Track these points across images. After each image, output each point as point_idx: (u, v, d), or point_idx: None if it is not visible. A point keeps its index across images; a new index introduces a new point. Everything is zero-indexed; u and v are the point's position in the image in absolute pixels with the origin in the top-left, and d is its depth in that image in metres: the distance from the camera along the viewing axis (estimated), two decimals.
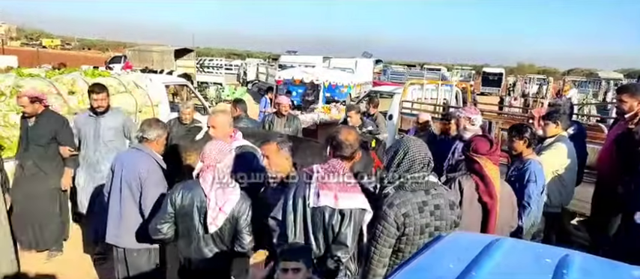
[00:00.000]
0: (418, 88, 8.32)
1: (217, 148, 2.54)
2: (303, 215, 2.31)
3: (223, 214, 2.50)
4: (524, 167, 3.20)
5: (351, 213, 2.20)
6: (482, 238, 1.49)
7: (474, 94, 13.84)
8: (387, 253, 2.18)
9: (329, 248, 2.24)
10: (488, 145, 2.72)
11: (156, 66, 17.79)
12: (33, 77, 5.07)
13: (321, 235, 2.26)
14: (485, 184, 2.65)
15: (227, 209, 2.50)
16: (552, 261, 1.21)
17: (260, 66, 25.63)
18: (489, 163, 2.68)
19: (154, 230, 2.60)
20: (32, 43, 49.04)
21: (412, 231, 2.13)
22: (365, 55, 20.89)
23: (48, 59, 23.77)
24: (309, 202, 2.26)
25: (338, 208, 2.19)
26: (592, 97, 18.08)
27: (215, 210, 2.50)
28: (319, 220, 2.25)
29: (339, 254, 2.19)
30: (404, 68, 32.27)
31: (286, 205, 2.39)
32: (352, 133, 2.40)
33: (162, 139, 3.18)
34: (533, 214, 3.07)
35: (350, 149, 2.31)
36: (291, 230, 2.33)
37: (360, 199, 2.26)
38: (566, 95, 15.37)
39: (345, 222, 2.19)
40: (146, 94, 6.02)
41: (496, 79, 30.92)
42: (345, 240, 2.19)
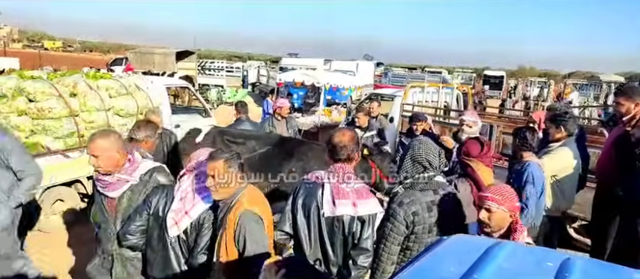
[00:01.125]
0: (419, 91, 8.32)
1: (205, 156, 2.38)
2: (319, 226, 2.24)
3: (188, 218, 2.31)
4: (522, 169, 3.20)
5: (370, 218, 2.19)
6: (484, 241, 1.49)
7: (479, 97, 13.76)
8: (395, 251, 2.20)
9: (350, 255, 2.20)
10: (480, 147, 2.74)
11: (157, 68, 17.80)
12: (34, 79, 5.08)
13: (340, 243, 2.21)
14: (477, 187, 2.66)
15: (194, 214, 2.31)
16: (554, 265, 1.21)
17: (261, 68, 25.66)
18: (481, 165, 2.70)
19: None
20: (34, 45, 49.15)
21: (421, 230, 2.15)
22: (366, 57, 20.93)
23: (50, 61, 23.84)
24: (324, 211, 2.20)
25: (358, 215, 2.17)
26: (593, 100, 18.06)
27: (180, 212, 2.31)
28: (338, 228, 2.20)
29: (362, 261, 2.16)
30: (405, 71, 32.26)
31: (295, 216, 2.31)
32: (346, 134, 2.34)
33: (151, 139, 3.15)
34: (530, 215, 3.07)
35: (345, 151, 2.26)
36: (306, 242, 2.27)
37: (376, 203, 2.26)
38: (567, 98, 15.36)
39: (366, 228, 2.18)
40: (147, 96, 6.04)
41: (497, 82, 30.89)
42: (368, 246, 2.17)
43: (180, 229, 2.31)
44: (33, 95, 4.76)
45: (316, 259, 2.27)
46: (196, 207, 2.32)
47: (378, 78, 23.47)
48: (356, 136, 2.37)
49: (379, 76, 24.89)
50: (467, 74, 33.58)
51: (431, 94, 8.51)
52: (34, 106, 4.75)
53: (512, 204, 2.01)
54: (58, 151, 4.89)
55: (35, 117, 4.77)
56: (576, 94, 17.45)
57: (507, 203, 1.99)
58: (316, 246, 2.25)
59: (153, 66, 17.72)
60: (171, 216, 2.32)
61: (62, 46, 54.81)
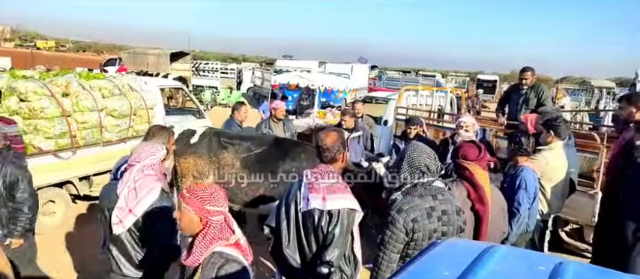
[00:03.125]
0: (413, 94, 8.36)
1: (147, 150, 2.39)
2: (296, 221, 2.34)
3: (133, 216, 2.29)
4: (516, 174, 3.22)
5: (340, 213, 2.22)
6: (477, 245, 1.50)
7: (472, 101, 13.80)
8: (395, 258, 2.19)
9: (319, 251, 2.26)
10: (477, 151, 2.74)
11: (151, 69, 17.73)
12: (26, 79, 5.03)
13: (313, 238, 2.29)
14: (476, 190, 2.66)
15: (138, 211, 2.29)
16: (546, 269, 1.22)
17: (256, 70, 25.64)
18: (478, 168, 2.70)
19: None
20: (26, 45, 48.69)
21: (421, 236, 2.14)
22: (361, 60, 20.99)
23: (42, 61, 23.61)
24: (301, 207, 2.30)
25: (326, 209, 2.22)
26: (585, 105, 18.23)
27: (124, 210, 2.29)
28: (310, 223, 2.28)
29: (328, 255, 2.21)
30: (399, 74, 32.36)
31: (279, 212, 2.43)
32: (331, 135, 2.40)
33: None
34: (522, 220, 3.09)
35: (329, 153, 2.34)
36: (285, 236, 2.37)
37: (349, 199, 2.28)
38: (559, 103, 15.49)
39: (333, 222, 2.21)
40: (141, 97, 6.00)
41: (490, 86, 31.11)
42: (333, 240, 2.21)
43: (126, 227, 2.31)
44: (25, 95, 4.70)
45: (294, 252, 2.37)
46: (142, 204, 2.30)
47: (373, 81, 23.50)
48: (341, 138, 2.42)
49: (373, 79, 24.93)
50: (461, 78, 33.79)
51: (425, 97, 8.55)
52: (25, 106, 4.69)
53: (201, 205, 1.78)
54: (49, 151, 4.84)
55: (27, 117, 4.71)
56: (568, 99, 17.61)
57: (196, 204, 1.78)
58: (294, 240, 2.36)
59: (147, 67, 17.63)
60: (116, 213, 2.30)
61: (55, 45, 54.30)
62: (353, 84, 13.63)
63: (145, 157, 2.37)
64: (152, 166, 2.39)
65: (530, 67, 5.67)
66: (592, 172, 4.69)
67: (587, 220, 4.51)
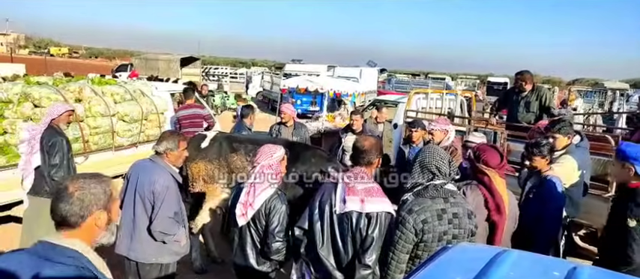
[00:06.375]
0: (423, 98, 8.30)
1: (265, 152, 2.69)
2: (330, 222, 2.36)
3: (252, 209, 2.59)
4: (541, 184, 3.10)
5: (378, 216, 2.25)
6: (489, 250, 1.48)
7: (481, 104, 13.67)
8: (404, 259, 2.18)
9: (357, 254, 2.28)
10: (499, 158, 2.67)
11: (162, 74, 17.94)
12: (40, 85, 5.12)
13: (349, 241, 2.32)
14: (494, 198, 2.61)
15: (256, 204, 2.59)
16: (560, 274, 1.20)
17: (265, 75, 25.78)
18: (497, 176, 2.64)
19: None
20: (40, 52, 49.56)
21: (430, 238, 2.13)
22: (369, 64, 20.93)
23: (56, 67, 24.02)
24: (336, 209, 2.33)
25: (365, 212, 2.25)
26: (598, 107, 17.95)
27: (246, 205, 2.61)
28: (347, 225, 2.30)
29: (366, 259, 2.23)
30: (408, 77, 32.32)
31: (312, 214, 2.45)
32: (369, 139, 2.49)
33: (172, 152, 2.93)
34: (548, 232, 3.02)
35: (366, 155, 2.40)
36: (319, 238, 2.39)
37: (386, 202, 2.31)
38: (571, 105, 15.29)
39: (372, 225, 2.24)
40: (152, 101, 6.06)
41: (501, 89, 30.84)
42: (372, 243, 2.23)
43: (247, 218, 2.60)
44: (38, 101, 4.79)
45: (328, 254, 2.39)
46: (259, 198, 2.59)
47: (382, 84, 23.48)
48: (378, 143, 2.51)
49: (382, 82, 24.90)
50: (470, 80, 33.54)
51: (435, 100, 8.49)
52: (39, 112, 4.78)
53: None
54: None
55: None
56: (581, 101, 17.38)
57: None
58: (328, 242, 2.37)
59: (157, 72, 17.83)
60: (239, 208, 2.62)
61: (68, 52, 55.23)
62: (362, 87, 13.62)
63: (263, 159, 2.64)
64: (270, 166, 2.65)
65: (527, 71, 5.58)
66: (606, 175, 4.60)
67: (601, 224, 4.43)
